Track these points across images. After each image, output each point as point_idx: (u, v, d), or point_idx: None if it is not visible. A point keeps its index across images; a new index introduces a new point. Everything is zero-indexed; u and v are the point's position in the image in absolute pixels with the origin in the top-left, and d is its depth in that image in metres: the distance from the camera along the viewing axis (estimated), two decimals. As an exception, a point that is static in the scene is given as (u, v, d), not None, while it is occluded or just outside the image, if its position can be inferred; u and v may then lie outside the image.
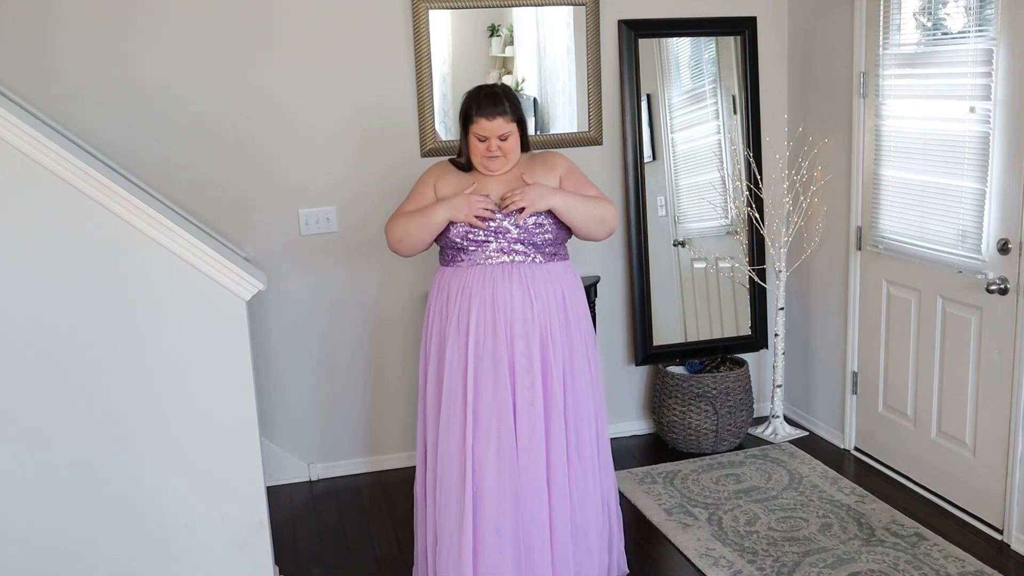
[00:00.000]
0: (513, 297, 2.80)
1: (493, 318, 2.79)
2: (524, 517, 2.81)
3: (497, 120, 2.80)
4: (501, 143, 2.83)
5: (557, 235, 2.90)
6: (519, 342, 2.80)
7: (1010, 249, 3.21)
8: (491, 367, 2.79)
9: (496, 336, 2.79)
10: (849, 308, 4.07)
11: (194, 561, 2.82)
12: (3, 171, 2.50)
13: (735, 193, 4.29)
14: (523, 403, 2.80)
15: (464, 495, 2.79)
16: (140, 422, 2.72)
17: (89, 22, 3.55)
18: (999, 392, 3.32)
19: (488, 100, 2.83)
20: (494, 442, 2.79)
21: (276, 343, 3.96)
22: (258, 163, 3.82)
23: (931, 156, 3.56)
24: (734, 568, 3.21)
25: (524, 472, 2.80)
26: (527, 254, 2.85)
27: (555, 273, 2.89)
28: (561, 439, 2.84)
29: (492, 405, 2.79)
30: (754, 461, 4.07)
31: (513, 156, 2.88)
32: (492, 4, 3.94)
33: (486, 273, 2.83)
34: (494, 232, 2.82)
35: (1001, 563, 3.19)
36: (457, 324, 2.83)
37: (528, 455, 2.80)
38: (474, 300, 2.81)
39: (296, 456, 4.09)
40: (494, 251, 2.84)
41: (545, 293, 2.84)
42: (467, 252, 2.86)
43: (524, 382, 2.80)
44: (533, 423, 2.80)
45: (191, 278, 2.68)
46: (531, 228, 2.83)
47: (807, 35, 4.20)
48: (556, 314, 2.86)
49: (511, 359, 2.80)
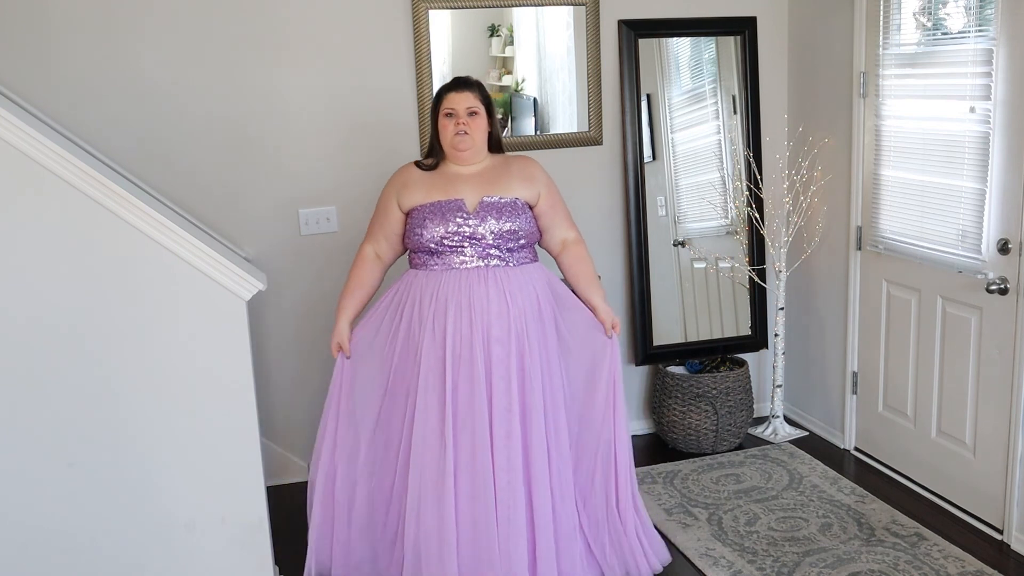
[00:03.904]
0: (490, 301, 2.83)
1: (470, 322, 2.81)
2: (501, 517, 2.81)
3: (465, 93, 2.92)
4: (468, 119, 2.90)
5: (529, 241, 2.97)
6: (496, 347, 2.82)
7: (1010, 249, 3.21)
8: (468, 371, 2.80)
9: (472, 340, 2.80)
10: (849, 308, 4.07)
11: (194, 561, 2.82)
12: (3, 171, 2.50)
13: (735, 193, 4.29)
14: (500, 408, 2.81)
15: (444, 494, 2.79)
16: (140, 422, 2.72)
17: (89, 22, 3.55)
18: (999, 392, 3.32)
19: (459, 80, 2.99)
20: (469, 444, 2.80)
21: (276, 343, 3.96)
22: (258, 163, 3.82)
23: (931, 156, 3.56)
24: (734, 568, 3.21)
25: (501, 474, 2.80)
26: (502, 258, 2.90)
27: (528, 274, 2.94)
28: (542, 441, 2.85)
29: (468, 409, 2.80)
30: (754, 461, 4.07)
31: (480, 138, 2.94)
32: (492, 4, 3.94)
33: (461, 277, 2.85)
34: (469, 238, 2.86)
35: (1001, 563, 3.20)
36: (432, 329, 2.83)
37: (506, 457, 2.81)
38: (450, 304, 2.83)
39: (296, 456, 4.09)
40: (469, 256, 2.87)
41: (520, 295, 2.88)
42: (441, 256, 2.88)
43: (500, 388, 2.81)
44: (510, 427, 2.81)
45: (191, 278, 2.68)
46: (505, 235, 2.89)
47: (807, 35, 4.20)
48: (531, 316, 2.90)
49: (487, 364, 2.81)
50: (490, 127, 2.99)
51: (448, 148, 2.95)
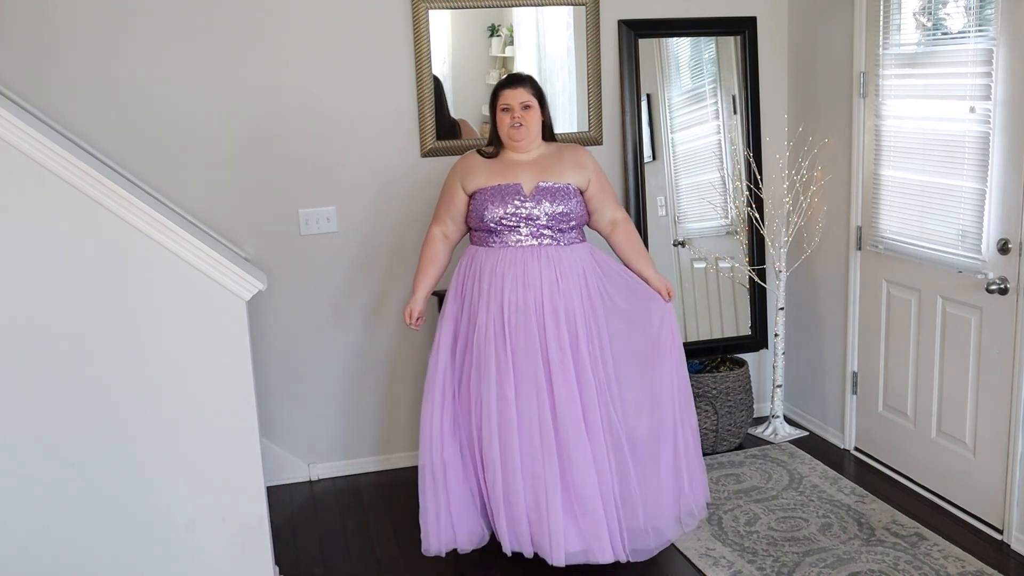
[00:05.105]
0: (542, 276, 3.14)
1: (524, 294, 3.12)
2: (563, 459, 3.09)
3: (519, 89, 3.22)
4: (523, 112, 3.20)
5: (579, 223, 3.26)
6: (549, 317, 3.11)
7: (1010, 249, 3.21)
8: (523, 337, 3.10)
9: (527, 309, 3.11)
10: (849, 308, 4.07)
11: (194, 561, 2.82)
12: (3, 171, 2.51)
13: (735, 193, 4.29)
14: (556, 371, 3.09)
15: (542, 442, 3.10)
16: (140, 422, 2.72)
17: (89, 22, 3.55)
18: (999, 392, 3.32)
19: (512, 77, 3.30)
20: (535, 400, 3.10)
21: (276, 343, 3.96)
22: (258, 163, 3.82)
23: (931, 156, 3.56)
24: (734, 568, 3.21)
25: (561, 418, 3.09)
26: (554, 238, 3.19)
27: (577, 253, 3.23)
28: (592, 395, 3.12)
29: (529, 373, 3.09)
30: (754, 461, 4.07)
31: (534, 128, 3.23)
32: (492, 4, 3.94)
33: (517, 254, 3.17)
34: (525, 219, 3.16)
35: (1001, 563, 3.20)
36: (488, 299, 3.15)
37: (567, 408, 3.08)
38: (507, 278, 3.14)
39: (296, 456, 4.09)
40: (524, 235, 3.17)
41: (570, 272, 3.17)
42: (499, 235, 3.19)
43: (554, 350, 3.09)
44: (568, 381, 3.09)
45: (191, 278, 2.68)
46: (558, 216, 3.18)
47: (807, 35, 4.20)
48: (577, 291, 3.17)
49: (541, 331, 3.10)
50: (544, 118, 3.28)
51: (505, 139, 3.25)
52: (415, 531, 3.32)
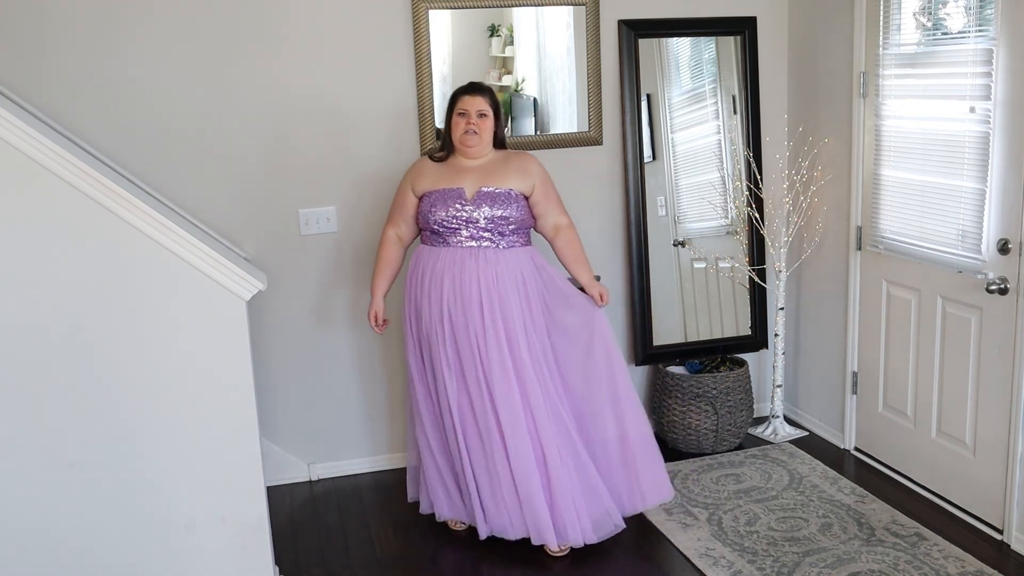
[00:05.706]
0: (480, 275, 3.26)
1: (462, 290, 3.26)
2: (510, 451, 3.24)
3: (478, 97, 3.35)
4: (478, 120, 3.33)
5: (520, 227, 3.36)
6: (486, 313, 3.24)
7: (1010, 249, 3.21)
8: (462, 331, 3.25)
9: (465, 305, 3.25)
10: (849, 308, 4.07)
11: (194, 561, 2.82)
12: (3, 171, 2.50)
13: (735, 193, 4.29)
14: (493, 362, 3.23)
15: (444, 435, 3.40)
16: (140, 422, 2.72)
17: (89, 22, 3.55)
18: (999, 392, 3.32)
19: (473, 85, 3.43)
20: (477, 390, 3.27)
21: (276, 343, 3.96)
22: (258, 163, 3.82)
23: (931, 156, 3.56)
24: (734, 568, 3.21)
25: (500, 409, 3.23)
26: (492, 241, 3.31)
27: (516, 256, 3.34)
28: (535, 385, 3.26)
29: (467, 363, 3.25)
30: (754, 461, 4.07)
31: (487, 137, 3.36)
32: (492, 4, 3.94)
33: (456, 254, 3.29)
34: (465, 221, 3.28)
35: (1001, 563, 3.20)
36: (430, 296, 3.30)
37: (505, 399, 3.23)
38: (446, 276, 3.28)
39: (296, 456, 4.09)
40: (465, 237, 3.29)
41: (506, 273, 3.29)
42: (442, 236, 3.32)
43: (492, 344, 3.23)
44: (506, 373, 3.23)
45: (191, 278, 2.68)
46: (497, 220, 3.29)
47: (807, 35, 4.20)
48: (514, 290, 3.29)
49: (479, 325, 3.24)
50: (496, 128, 3.40)
51: (457, 143, 3.38)
52: (415, 531, 3.32)
